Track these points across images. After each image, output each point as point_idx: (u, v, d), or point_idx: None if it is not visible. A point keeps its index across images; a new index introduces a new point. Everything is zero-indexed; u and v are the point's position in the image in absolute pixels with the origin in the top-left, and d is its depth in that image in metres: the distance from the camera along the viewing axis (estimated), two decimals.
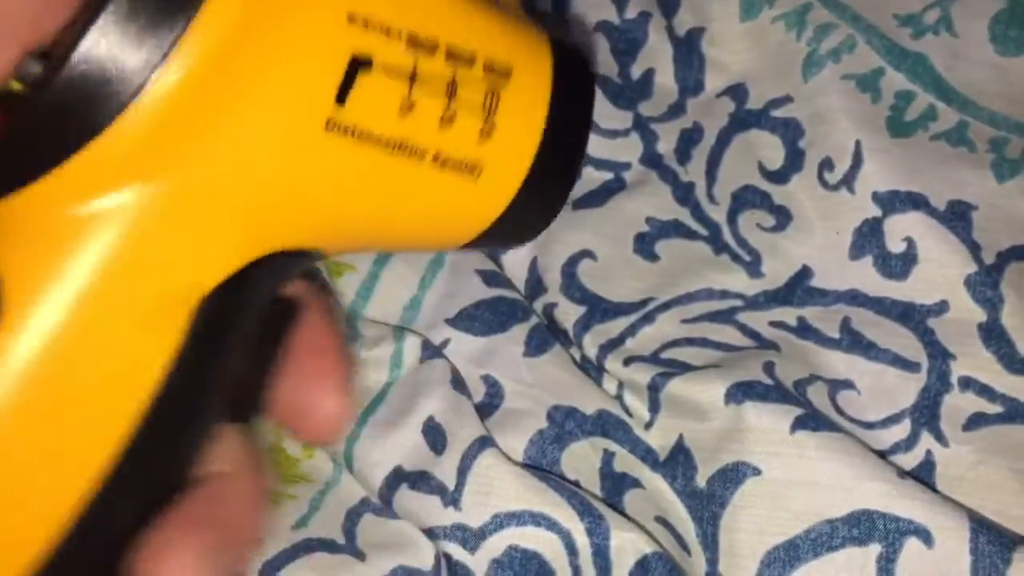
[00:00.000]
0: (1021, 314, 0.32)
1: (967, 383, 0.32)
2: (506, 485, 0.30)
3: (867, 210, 0.34)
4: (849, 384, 0.32)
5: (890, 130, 0.35)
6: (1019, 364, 0.31)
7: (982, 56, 0.35)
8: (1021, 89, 0.35)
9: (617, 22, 0.38)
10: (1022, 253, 0.32)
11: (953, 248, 0.33)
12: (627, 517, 0.30)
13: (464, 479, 0.30)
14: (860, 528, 0.29)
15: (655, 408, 0.32)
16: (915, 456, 0.31)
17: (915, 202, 0.33)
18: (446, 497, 0.30)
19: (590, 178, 0.36)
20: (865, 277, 0.33)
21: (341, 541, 0.31)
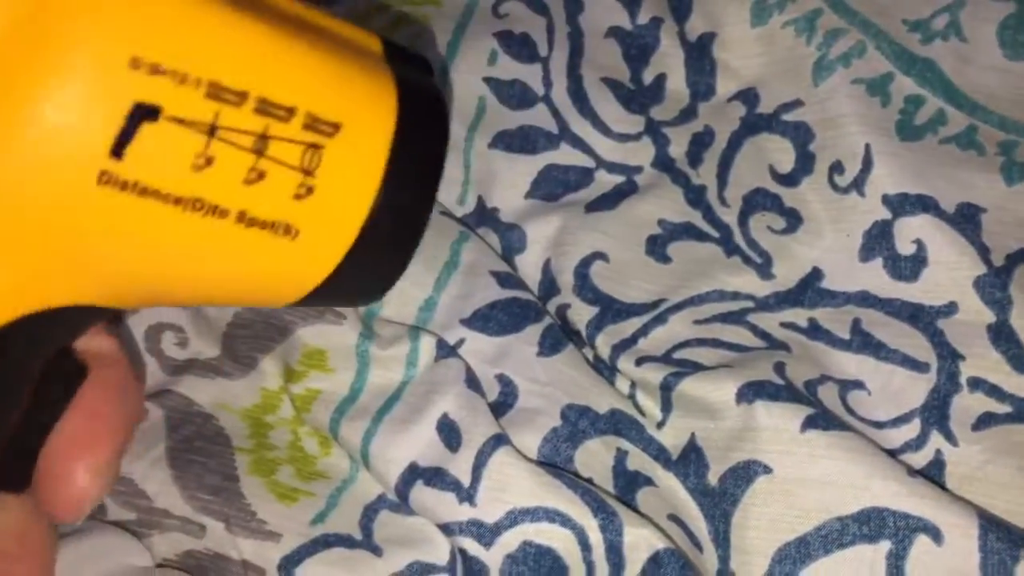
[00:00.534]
0: None
1: (976, 383, 0.32)
2: (521, 482, 0.30)
3: (877, 212, 0.34)
4: (859, 384, 0.33)
5: (899, 134, 0.35)
6: None
7: (991, 60, 0.36)
8: None
9: (629, 27, 0.39)
10: None
11: (962, 250, 0.33)
12: (640, 514, 0.31)
13: (479, 476, 0.30)
14: (870, 525, 0.29)
15: (667, 407, 0.32)
16: (925, 455, 0.31)
17: (925, 205, 0.34)
18: (461, 493, 0.30)
19: (603, 181, 0.37)
20: (875, 279, 0.34)
21: (358, 537, 0.31)
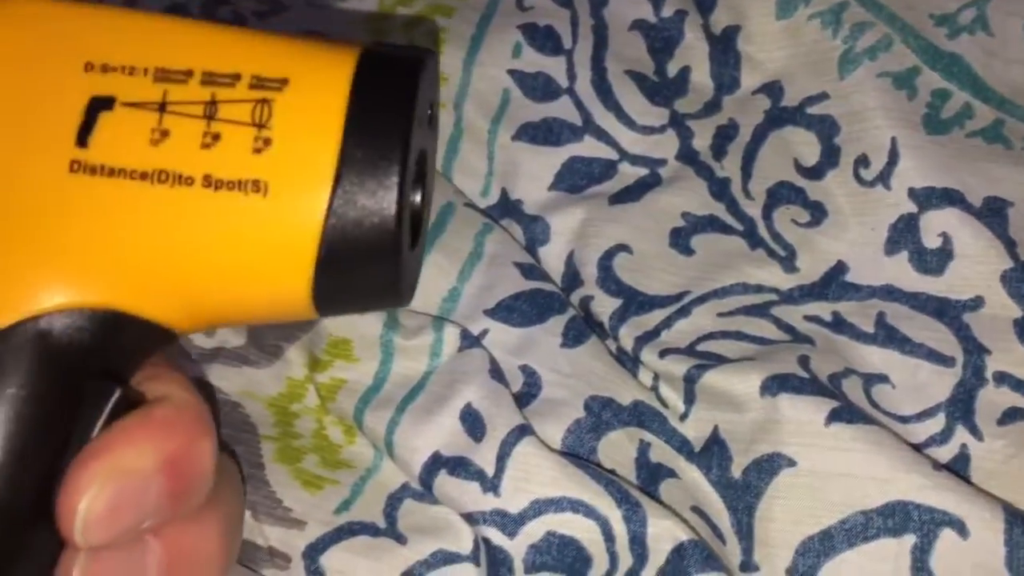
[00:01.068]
0: None
1: (1002, 378, 0.32)
2: (545, 472, 0.30)
3: (903, 206, 0.34)
4: (884, 378, 0.32)
5: (926, 127, 0.35)
6: None
7: (1018, 54, 0.36)
8: None
9: (653, 20, 0.39)
10: None
11: (989, 244, 0.33)
12: (664, 506, 0.31)
13: (503, 465, 0.30)
14: (895, 519, 0.29)
15: (690, 399, 0.32)
16: (950, 450, 0.31)
17: (951, 198, 0.34)
18: (485, 483, 0.30)
19: (626, 173, 0.37)
20: (900, 272, 0.34)
21: (382, 525, 0.31)
